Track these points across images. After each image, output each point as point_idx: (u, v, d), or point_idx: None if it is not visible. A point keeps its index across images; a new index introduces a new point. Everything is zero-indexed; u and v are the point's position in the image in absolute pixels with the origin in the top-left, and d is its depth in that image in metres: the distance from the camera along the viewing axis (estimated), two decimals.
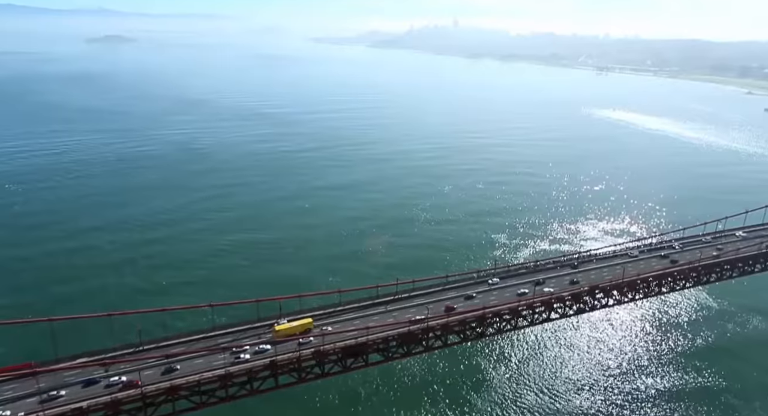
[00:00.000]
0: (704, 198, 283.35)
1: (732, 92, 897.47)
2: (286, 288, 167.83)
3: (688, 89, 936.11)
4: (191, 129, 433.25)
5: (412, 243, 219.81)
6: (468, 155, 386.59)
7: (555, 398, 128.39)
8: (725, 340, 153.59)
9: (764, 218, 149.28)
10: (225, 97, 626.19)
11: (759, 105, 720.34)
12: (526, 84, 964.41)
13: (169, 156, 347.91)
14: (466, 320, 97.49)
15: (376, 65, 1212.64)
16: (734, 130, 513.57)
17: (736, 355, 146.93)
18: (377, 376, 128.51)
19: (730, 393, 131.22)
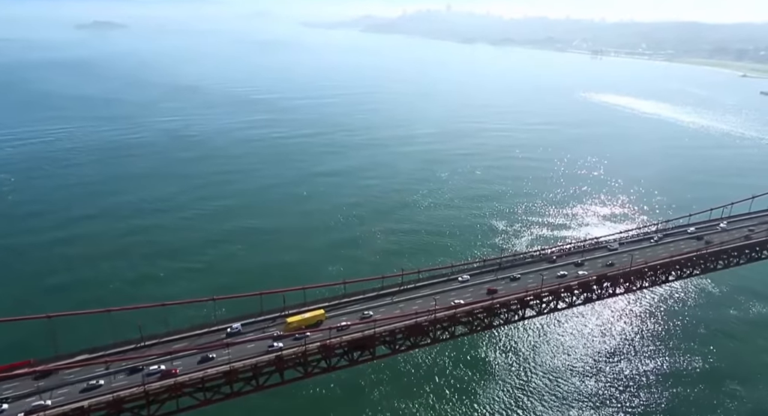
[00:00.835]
0: (705, 182, 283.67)
1: (727, 75, 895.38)
2: (287, 276, 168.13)
3: (684, 73, 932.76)
4: (184, 116, 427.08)
5: (412, 229, 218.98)
6: (465, 140, 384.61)
7: (560, 384, 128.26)
8: (727, 324, 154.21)
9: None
10: (217, 83, 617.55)
11: (755, 88, 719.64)
12: (521, 68, 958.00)
13: (163, 143, 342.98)
14: (473, 311, 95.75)
15: (370, 51, 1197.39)
16: (730, 113, 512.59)
17: (736, 338, 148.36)
18: (383, 368, 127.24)
19: (731, 374, 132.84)
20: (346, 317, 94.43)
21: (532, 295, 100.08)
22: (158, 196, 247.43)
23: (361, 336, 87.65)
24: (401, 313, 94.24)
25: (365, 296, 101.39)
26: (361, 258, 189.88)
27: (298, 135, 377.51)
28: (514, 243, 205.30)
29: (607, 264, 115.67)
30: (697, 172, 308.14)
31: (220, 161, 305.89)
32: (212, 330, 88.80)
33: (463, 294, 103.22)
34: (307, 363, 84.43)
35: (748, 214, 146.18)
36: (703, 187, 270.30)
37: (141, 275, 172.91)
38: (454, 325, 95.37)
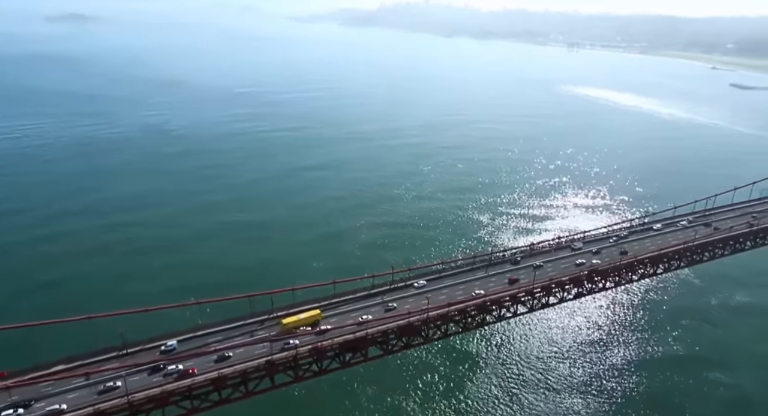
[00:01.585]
0: (687, 174, 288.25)
1: (698, 68, 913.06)
2: (273, 272, 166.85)
3: (657, 65, 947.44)
4: (167, 111, 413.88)
5: (397, 222, 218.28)
6: (448, 132, 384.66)
7: (549, 375, 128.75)
8: (709, 313, 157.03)
9: (751, 194, 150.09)
10: (202, 77, 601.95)
11: (725, 80, 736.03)
12: (501, 61, 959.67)
13: (146, 138, 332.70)
14: (466, 309, 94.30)
15: (350, 44, 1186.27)
16: (705, 105, 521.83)
17: (718, 326, 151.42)
18: (375, 366, 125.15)
19: (714, 361, 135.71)
20: (337, 318, 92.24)
21: (523, 292, 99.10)
22: (142, 191, 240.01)
23: (353, 337, 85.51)
24: (397, 313, 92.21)
25: (355, 296, 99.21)
26: (348, 252, 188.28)
27: (283, 129, 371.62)
28: (498, 236, 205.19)
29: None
30: (679, 163, 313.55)
31: (205, 156, 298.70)
32: (198, 334, 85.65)
33: (455, 292, 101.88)
34: (298, 366, 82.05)
35: (730, 206, 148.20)
36: (686, 179, 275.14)
37: (124, 273, 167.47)
38: (447, 324, 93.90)
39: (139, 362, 76.49)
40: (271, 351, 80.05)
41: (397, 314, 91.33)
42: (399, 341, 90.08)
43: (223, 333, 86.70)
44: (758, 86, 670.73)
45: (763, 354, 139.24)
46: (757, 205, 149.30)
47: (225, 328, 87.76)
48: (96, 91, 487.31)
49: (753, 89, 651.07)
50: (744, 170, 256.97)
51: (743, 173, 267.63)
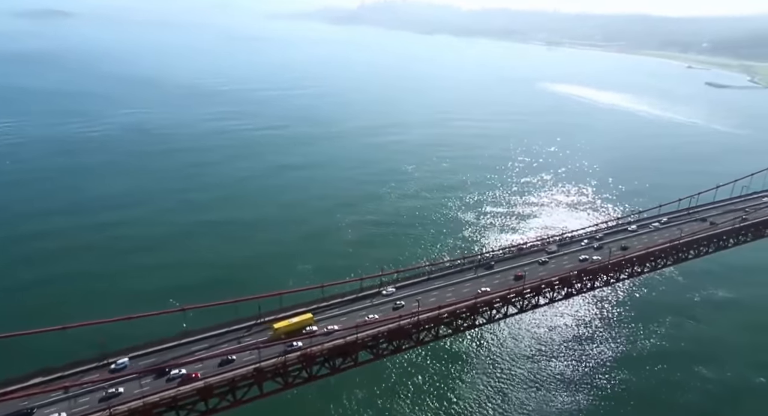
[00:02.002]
0: (669, 172, 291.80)
1: (675, 67, 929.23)
2: (259, 273, 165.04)
3: (635, 63, 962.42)
4: (147, 109, 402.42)
5: (383, 221, 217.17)
6: (432, 131, 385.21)
7: (538, 373, 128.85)
8: (693, 309, 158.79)
9: (732, 192, 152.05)
10: (181, 75, 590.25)
11: (700, 78, 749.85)
12: (483, 59, 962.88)
13: (126, 137, 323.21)
14: (457, 311, 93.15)
15: (333, 42, 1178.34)
16: (682, 104, 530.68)
17: (702, 322, 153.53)
18: (365, 369, 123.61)
19: (698, 356, 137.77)
20: (328, 321, 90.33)
21: (514, 293, 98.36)
22: (124, 190, 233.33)
23: (343, 342, 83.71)
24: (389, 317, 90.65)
25: (344, 299, 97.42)
26: (334, 251, 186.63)
27: (268, 127, 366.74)
28: (482, 235, 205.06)
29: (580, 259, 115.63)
30: (659, 161, 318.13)
31: (188, 154, 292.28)
32: (182, 343, 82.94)
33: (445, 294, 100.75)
34: (287, 373, 79.99)
35: (713, 203, 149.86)
36: (668, 176, 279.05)
37: (106, 274, 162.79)
38: (438, 326, 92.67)
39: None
40: (259, 358, 77.93)
41: (387, 317, 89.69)
42: (389, 345, 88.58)
43: (210, 340, 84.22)
44: (732, 85, 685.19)
45: (744, 346, 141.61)
46: (739, 202, 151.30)
47: (212, 334, 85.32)
48: (74, 88, 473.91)
49: (727, 88, 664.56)
50: (723, 167, 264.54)
51: (722, 170, 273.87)
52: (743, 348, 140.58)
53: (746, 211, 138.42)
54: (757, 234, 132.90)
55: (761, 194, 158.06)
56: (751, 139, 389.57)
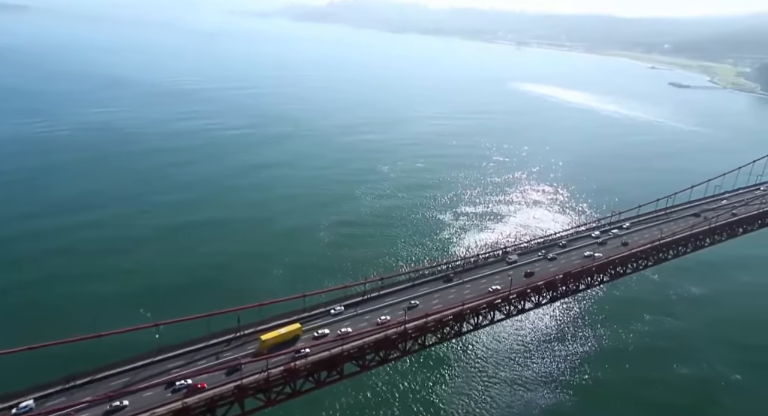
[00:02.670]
0: (642, 171, 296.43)
1: (639, 67, 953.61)
2: (234, 278, 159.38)
3: (601, 63, 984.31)
4: (114, 108, 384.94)
5: (361, 222, 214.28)
6: (405, 129, 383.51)
7: (522, 372, 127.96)
8: (669, 306, 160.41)
9: (706, 192, 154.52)
10: (148, 73, 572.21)
11: (664, 78, 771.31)
12: (453, 59, 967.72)
13: (92, 137, 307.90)
14: (443, 319, 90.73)
15: (303, 40, 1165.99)
16: (648, 103, 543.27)
17: (679, 318, 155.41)
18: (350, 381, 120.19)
19: (674, 351, 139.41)
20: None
21: (500, 299, 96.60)
22: (88, 192, 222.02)
23: (328, 355, 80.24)
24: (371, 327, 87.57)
25: (326, 308, 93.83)
26: (310, 254, 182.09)
27: (236, 126, 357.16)
28: (462, 236, 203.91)
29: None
30: (630, 160, 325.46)
31: (156, 154, 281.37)
32: (156, 360, 78.03)
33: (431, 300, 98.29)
34: (270, 389, 76.09)
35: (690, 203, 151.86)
36: (641, 177, 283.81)
37: (69, 280, 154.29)
38: (425, 335, 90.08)
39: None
40: (241, 375, 73.85)
41: (372, 328, 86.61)
42: (376, 356, 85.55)
43: (185, 356, 79.52)
44: (693, 85, 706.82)
45: (719, 342, 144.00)
46: (712, 201, 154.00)
47: (188, 350, 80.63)
48: (35, 86, 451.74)
49: (689, 88, 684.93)
50: (690, 163, 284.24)
51: (690, 166, 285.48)
52: (718, 345, 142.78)
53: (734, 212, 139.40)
54: (732, 234, 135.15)
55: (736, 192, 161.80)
56: (713, 138, 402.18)
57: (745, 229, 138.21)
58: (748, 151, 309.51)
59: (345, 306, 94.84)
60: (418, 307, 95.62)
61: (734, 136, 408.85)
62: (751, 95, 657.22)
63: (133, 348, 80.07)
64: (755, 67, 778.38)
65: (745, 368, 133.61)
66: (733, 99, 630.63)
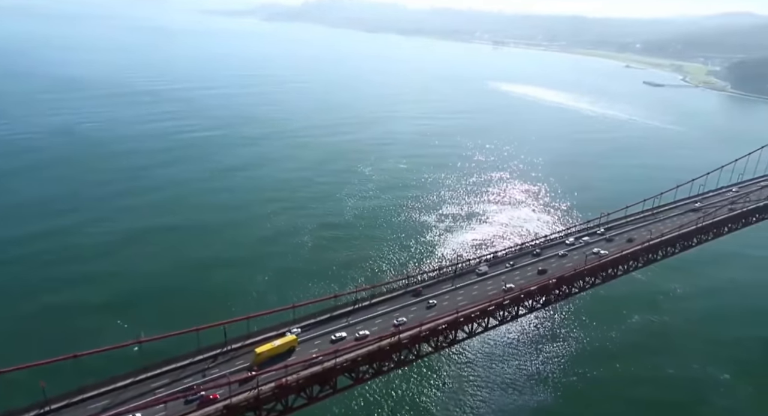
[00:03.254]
0: (624, 171, 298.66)
1: (614, 66, 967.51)
2: (215, 286, 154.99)
3: (577, 63, 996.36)
4: (73, 110, 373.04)
5: (344, 224, 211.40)
6: (383, 129, 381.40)
7: (513, 376, 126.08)
8: (654, 304, 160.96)
9: (690, 191, 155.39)
10: (111, 73, 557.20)
11: (638, 77, 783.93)
12: (432, 59, 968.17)
13: (50, 140, 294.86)
14: (437, 327, 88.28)
15: (277, 39, 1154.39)
16: (624, 102, 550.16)
17: (663, 315, 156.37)
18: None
19: (658, 348, 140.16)
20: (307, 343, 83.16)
21: (494, 305, 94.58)
22: (50, 197, 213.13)
23: (320, 369, 77.05)
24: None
25: (317, 319, 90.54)
26: (294, 257, 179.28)
27: (208, 127, 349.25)
28: (448, 237, 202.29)
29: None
30: (613, 158, 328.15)
31: (121, 158, 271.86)
32: (138, 379, 73.77)
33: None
34: (260, 407, 72.63)
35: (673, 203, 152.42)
36: (625, 174, 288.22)
37: (34, 291, 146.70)
38: (419, 344, 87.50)
39: None
40: (230, 392, 70.25)
41: (366, 341, 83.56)
42: (370, 368, 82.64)
43: (171, 374, 75.49)
44: (667, 84, 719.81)
45: (706, 338, 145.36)
46: (697, 200, 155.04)
47: (173, 367, 76.58)
48: None
49: (663, 86, 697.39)
50: (672, 161, 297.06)
51: (672, 163, 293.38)
52: (707, 343, 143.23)
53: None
54: (718, 233, 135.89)
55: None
56: (690, 136, 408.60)
57: (730, 228, 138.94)
58: (726, 148, 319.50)
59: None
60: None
61: (711, 134, 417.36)
62: (722, 93, 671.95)
63: (113, 367, 75.78)
64: (725, 66, 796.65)
65: (732, 366, 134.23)
66: (706, 97, 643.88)
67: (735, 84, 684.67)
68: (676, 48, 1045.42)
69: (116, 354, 76.63)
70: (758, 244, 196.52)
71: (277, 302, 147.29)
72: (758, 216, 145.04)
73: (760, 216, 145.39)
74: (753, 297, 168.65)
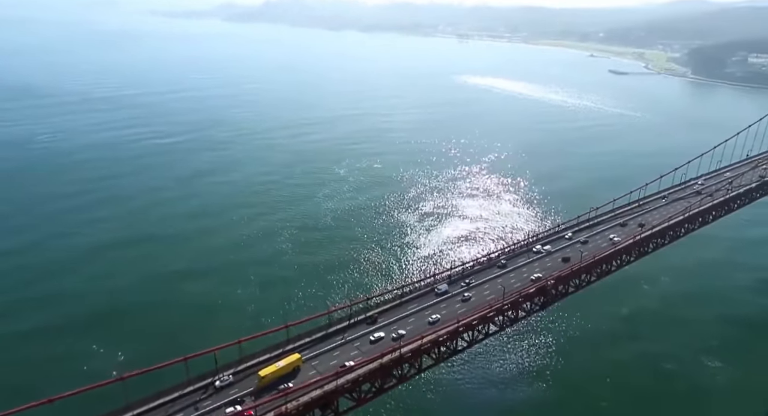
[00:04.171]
0: (605, 162, 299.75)
1: (578, 55, 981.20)
2: (193, 303, 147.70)
3: (541, 54, 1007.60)
4: (24, 120, 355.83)
5: (321, 226, 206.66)
6: (352, 127, 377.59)
7: (507, 369, 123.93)
8: (646, 298, 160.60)
9: (673, 181, 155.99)
10: (60, 79, 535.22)
11: (602, 66, 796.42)
12: (396, 55, 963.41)
13: (3, 154, 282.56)
14: (438, 339, 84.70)
15: (238, 41, 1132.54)
16: (592, 91, 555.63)
17: (652, 303, 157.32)
18: None
19: (652, 338, 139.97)
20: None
21: (494, 311, 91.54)
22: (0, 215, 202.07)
23: (321, 392, 72.59)
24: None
25: (312, 338, 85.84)
26: (274, 264, 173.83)
27: (168, 133, 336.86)
28: (436, 236, 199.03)
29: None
30: (586, 147, 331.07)
31: (80, 169, 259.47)
32: None
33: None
34: None
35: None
36: (601, 164, 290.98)
37: None
38: (420, 358, 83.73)
39: None
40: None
41: (365, 359, 79.36)
42: (372, 386, 78.53)
43: (160, 409, 69.86)
44: (631, 72, 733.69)
45: (687, 318, 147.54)
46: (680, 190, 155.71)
47: (162, 402, 70.94)
48: None
49: (628, 74, 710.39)
50: (646, 147, 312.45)
51: (646, 150, 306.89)
52: (691, 325, 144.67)
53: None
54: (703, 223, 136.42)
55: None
56: (656, 123, 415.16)
57: (714, 216, 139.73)
58: (693, 133, 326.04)
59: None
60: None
61: (676, 120, 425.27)
62: (684, 79, 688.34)
63: (91, 407, 69.19)
64: (684, 52, 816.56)
65: (719, 347, 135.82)
66: (669, 84, 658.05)
67: (695, 69, 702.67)
68: (638, 35, 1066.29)
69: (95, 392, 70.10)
70: (727, 225, 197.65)
71: (261, 313, 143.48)
72: (740, 203, 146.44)
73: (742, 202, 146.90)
74: (730, 278, 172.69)
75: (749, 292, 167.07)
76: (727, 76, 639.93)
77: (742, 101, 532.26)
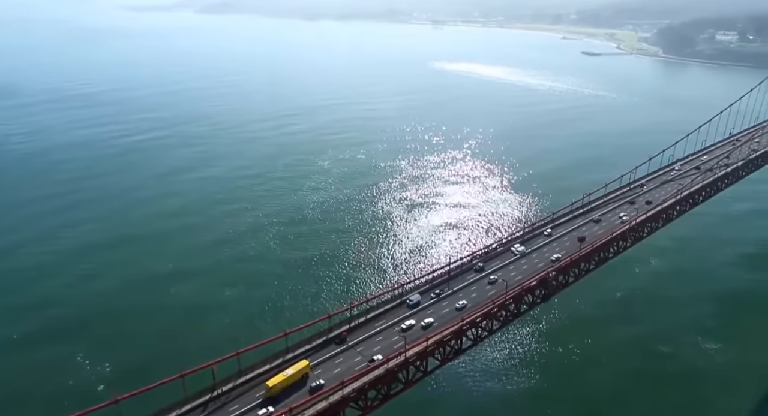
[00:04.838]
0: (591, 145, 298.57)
1: (551, 38, 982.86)
2: (180, 305, 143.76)
3: (515, 37, 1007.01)
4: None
5: (308, 219, 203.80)
6: (332, 116, 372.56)
7: (502, 361, 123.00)
8: (644, 291, 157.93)
9: (662, 162, 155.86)
10: (33, 76, 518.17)
11: (575, 48, 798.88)
12: (372, 43, 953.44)
13: None
14: (443, 339, 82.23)
15: (211, 33, 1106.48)
16: (567, 73, 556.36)
17: (644, 286, 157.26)
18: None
19: (653, 334, 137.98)
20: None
21: (497, 307, 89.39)
22: None
23: (326, 404, 69.60)
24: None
25: (313, 345, 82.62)
26: (262, 262, 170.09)
27: (143, 129, 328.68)
28: (417, 232, 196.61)
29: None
30: (566, 129, 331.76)
31: (55, 170, 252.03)
32: None
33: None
34: None
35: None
36: (583, 146, 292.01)
37: None
38: (426, 360, 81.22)
39: None
40: None
41: (372, 366, 76.55)
42: (378, 394, 75.79)
43: None
44: (604, 53, 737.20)
45: (680, 300, 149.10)
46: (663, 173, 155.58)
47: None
48: None
49: (600, 55, 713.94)
50: (625, 126, 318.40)
51: (623, 128, 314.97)
52: (694, 318, 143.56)
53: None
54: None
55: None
56: (633, 103, 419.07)
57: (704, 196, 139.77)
58: (669, 111, 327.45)
59: None
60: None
61: (652, 100, 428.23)
62: (655, 59, 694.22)
63: None
64: (654, 32, 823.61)
65: (715, 333, 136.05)
66: (641, 64, 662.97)
67: (665, 49, 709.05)
68: (608, 16, 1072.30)
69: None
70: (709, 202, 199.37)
71: (252, 314, 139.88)
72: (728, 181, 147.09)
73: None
74: (717, 256, 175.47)
75: (736, 268, 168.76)
76: (697, 54, 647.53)
77: (713, 79, 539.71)
